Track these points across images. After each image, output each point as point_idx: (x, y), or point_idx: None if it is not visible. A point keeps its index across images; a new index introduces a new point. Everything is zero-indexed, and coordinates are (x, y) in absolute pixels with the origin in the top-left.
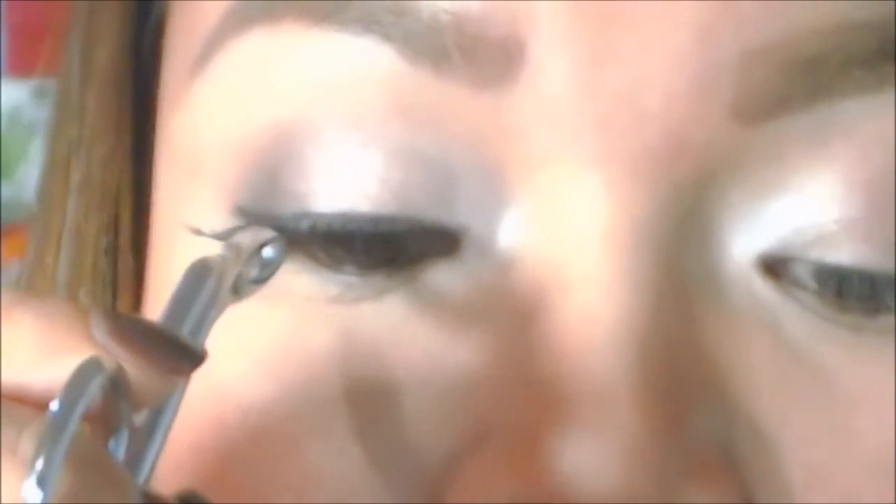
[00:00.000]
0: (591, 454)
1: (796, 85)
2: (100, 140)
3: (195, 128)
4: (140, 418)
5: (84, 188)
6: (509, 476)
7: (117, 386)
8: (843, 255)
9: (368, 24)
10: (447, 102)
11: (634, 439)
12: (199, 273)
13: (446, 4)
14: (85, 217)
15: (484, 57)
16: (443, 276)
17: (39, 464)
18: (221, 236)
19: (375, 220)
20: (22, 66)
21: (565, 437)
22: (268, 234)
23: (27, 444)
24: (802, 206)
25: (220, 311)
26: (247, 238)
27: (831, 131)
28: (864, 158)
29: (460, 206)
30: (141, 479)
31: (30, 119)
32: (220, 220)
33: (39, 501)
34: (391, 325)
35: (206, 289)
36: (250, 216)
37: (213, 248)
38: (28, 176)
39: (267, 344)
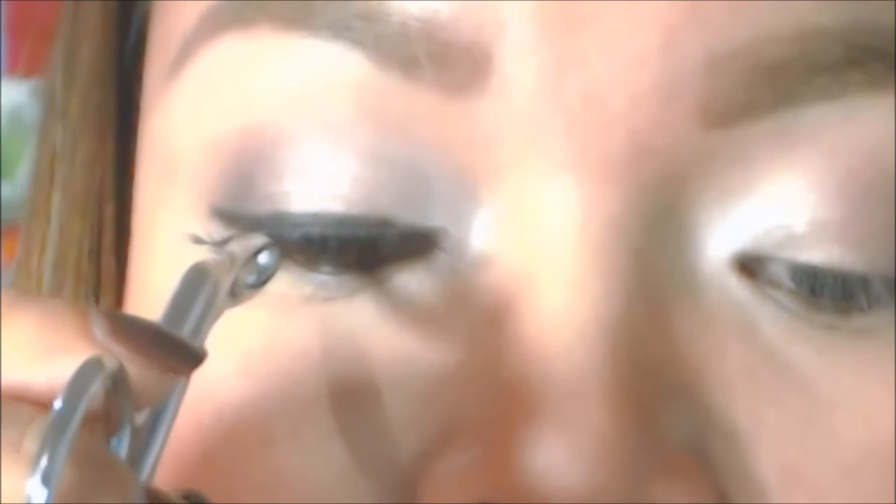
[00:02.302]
0: (559, 453)
1: (761, 91)
2: (83, 142)
3: (172, 130)
4: (141, 418)
5: (67, 190)
6: (478, 477)
7: (118, 385)
8: (816, 255)
9: (338, 31)
10: (417, 108)
11: (603, 437)
12: (197, 277)
13: (416, 11)
14: (68, 219)
15: (453, 63)
16: (416, 277)
17: (43, 461)
18: (219, 244)
19: (348, 220)
20: (22, 66)
21: (534, 436)
22: (261, 240)
23: (30, 442)
24: (771, 207)
25: (218, 315)
26: (240, 244)
27: (797, 136)
28: (832, 163)
29: (432, 209)
30: (143, 476)
31: (30, 119)
32: (197, 221)
33: (44, 500)
34: (364, 324)
35: (203, 292)
36: (226, 217)
37: (194, 249)
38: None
39: (242, 343)
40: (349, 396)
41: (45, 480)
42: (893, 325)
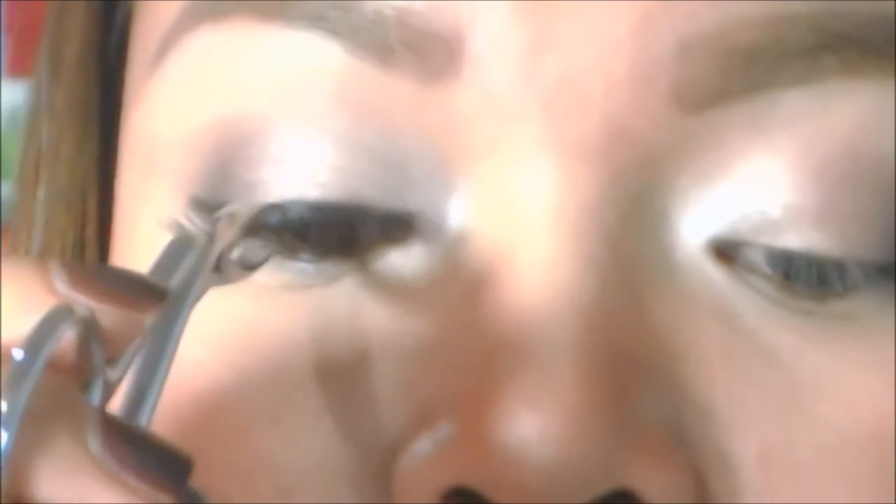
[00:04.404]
0: (531, 432)
1: (734, 76)
2: (67, 137)
3: (152, 124)
4: (116, 373)
5: (52, 184)
6: (449, 461)
7: (88, 334)
8: (792, 240)
9: (314, 21)
10: (393, 95)
11: (575, 416)
12: (180, 244)
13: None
14: (53, 212)
15: (427, 50)
16: (395, 260)
17: (4, 406)
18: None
19: (327, 208)
20: (22, 66)
21: (507, 415)
22: (262, 204)
23: None
24: (747, 192)
25: (204, 289)
26: (241, 207)
27: (773, 121)
28: (808, 148)
29: (410, 194)
30: (144, 416)
31: None
32: (177, 212)
33: (3, 443)
34: (343, 310)
35: (187, 259)
36: (206, 207)
37: None
38: None
39: (222, 331)
40: (329, 382)
41: (5, 425)
42: (873, 310)
